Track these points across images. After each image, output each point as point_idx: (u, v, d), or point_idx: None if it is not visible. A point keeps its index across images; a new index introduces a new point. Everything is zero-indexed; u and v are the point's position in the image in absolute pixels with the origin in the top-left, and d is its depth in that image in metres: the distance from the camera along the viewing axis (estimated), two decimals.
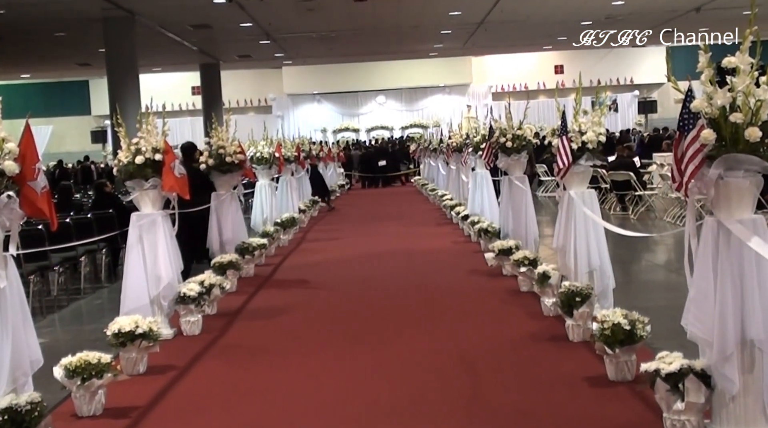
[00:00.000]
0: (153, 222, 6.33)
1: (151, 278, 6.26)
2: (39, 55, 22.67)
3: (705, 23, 21.30)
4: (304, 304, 7.67)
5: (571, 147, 5.87)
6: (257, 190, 11.96)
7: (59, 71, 28.40)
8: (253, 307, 7.66)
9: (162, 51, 22.77)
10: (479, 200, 11.26)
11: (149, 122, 6.40)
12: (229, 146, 8.81)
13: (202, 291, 6.64)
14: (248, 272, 9.26)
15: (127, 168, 6.30)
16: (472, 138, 11.37)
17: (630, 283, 8.05)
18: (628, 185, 13.67)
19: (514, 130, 8.43)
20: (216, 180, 8.96)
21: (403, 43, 25.23)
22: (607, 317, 4.69)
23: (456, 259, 9.94)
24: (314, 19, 19.09)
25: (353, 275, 9.16)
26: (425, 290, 8.09)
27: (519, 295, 7.38)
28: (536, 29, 23.11)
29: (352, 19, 19.82)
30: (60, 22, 17.53)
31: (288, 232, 12.41)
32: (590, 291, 5.58)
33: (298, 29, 20.83)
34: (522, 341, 5.81)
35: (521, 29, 22.99)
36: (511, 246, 7.99)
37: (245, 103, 35.60)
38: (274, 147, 12.30)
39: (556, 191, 6.44)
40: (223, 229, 8.91)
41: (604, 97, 6.04)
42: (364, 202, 21.14)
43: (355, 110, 36.50)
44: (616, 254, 7.77)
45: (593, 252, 5.90)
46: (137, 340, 5.32)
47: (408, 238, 12.28)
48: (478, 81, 35.19)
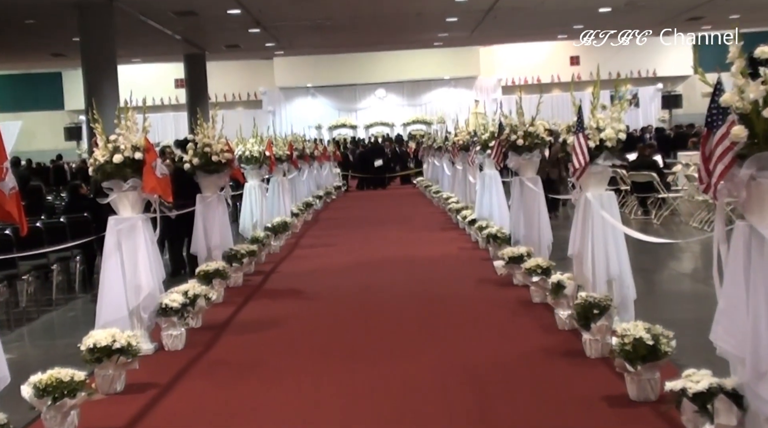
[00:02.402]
0: (132, 227, 6.33)
1: (130, 287, 6.25)
2: (7, 45, 22.67)
3: (736, 10, 21.32)
4: (297, 316, 7.66)
5: (588, 145, 5.87)
6: (246, 192, 11.96)
7: (29, 62, 28.41)
8: (241, 319, 7.65)
9: (143, 40, 22.78)
10: (487, 203, 11.26)
11: (128, 117, 6.40)
12: (215, 144, 8.81)
13: (186, 302, 6.63)
14: (236, 282, 9.25)
15: (104, 168, 6.29)
16: (480, 135, 11.38)
17: (653, 294, 8.04)
18: (651, 187, 13.67)
19: (526, 126, 8.44)
20: (201, 181, 8.96)
21: (405, 31, 25.25)
22: (627, 331, 4.68)
23: (462, 267, 9.94)
24: (308, 5, 19.12)
25: (351, 285, 9.15)
26: (429, 301, 8.09)
27: (531, 307, 7.38)
28: (550, 17, 23.13)
29: (350, 6, 19.85)
30: (30, 9, 17.53)
31: (280, 238, 12.41)
32: (609, 303, 5.57)
33: (290, 17, 20.86)
34: (534, 357, 5.80)
35: (534, 17, 23.00)
36: (522, 253, 7.99)
37: (233, 98, 35.63)
38: (265, 145, 12.31)
39: (572, 193, 6.44)
40: (210, 234, 8.91)
41: (624, 90, 6.04)
42: (363, 205, 21.15)
43: (353, 104, 36.53)
44: (638, 262, 7.76)
45: (612, 260, 5.89)
46: (114, 356, 5.30)
47: (410, 244, 12.29)
48: (487, 73, 35.24)
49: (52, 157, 27.45)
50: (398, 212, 17.94)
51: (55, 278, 9.01)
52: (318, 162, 21.66)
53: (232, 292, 8.81)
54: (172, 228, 9.19)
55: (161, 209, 6.76)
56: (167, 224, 6.82)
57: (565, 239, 6.83)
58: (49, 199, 14.20)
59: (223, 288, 8.48)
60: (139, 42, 22.97)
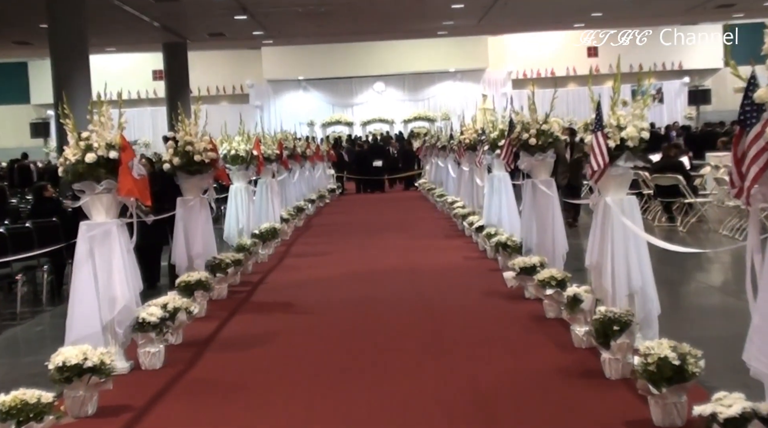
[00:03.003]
0: (106, 233, 6.33)
1: (103, 300, 6.25)
2: None
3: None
4: (287, 332, 7.66)
5: (608, 145, 5.88)
6: (231, 195, 11.97)
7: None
8: (226, 336, 7.65)
9: (117, 27, 22.81)
10: (496, 208, 11.28)
11: (102, 112, 6.41)
12: (198, 142, 8.82)
13: (165, 316, 6.63)
14: (220, 294, 9.26)
15: (75, 168, 6.30)
16: (489, 134, 11.40)
17: (679, 308, 8.05)
18: (676, 191, 13.70)
19: (539, 124, 8.46)
20: (182, 183, 8.97)
21: (407, 19, 25.30)
22: (651, 350, 4.69)
23: (469, 279, 9.95)
24: None
25: (346, 298, 9.16)
26: (432, 315, 8.10)
27: (544, 322, 7.39)
28: (566, 4, 23.20)
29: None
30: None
31: (268, 245, 12.42)
32: (631, 318, 5.58)
33: (281, 2, 20.90)
34: (548, 377, 5.80)
35: (548, 4, 23.07)
36: (534, 264, 8.00)
37: (217, 91, 35.67)
38: (252, 144, 12.32)
39: (590, 198, 6.45)
40: (191, 241, 8.91)
41: (647, 85, 6.06)
42: (360, 209, 21.16)
43: (349, 99, 36.58)
44: (662, 274, 7.76)
45: (634, 271, 5.90)
46: (85, 375, 5.30)
47: (411, 253, 12.30)
48: (496, 65, 35.32)
49: (17, 155, 27.45)
50: (398, 218, 17.96)
51: (19, 290, 9.02)
52: (310, 162, 21.67)
53: (215, 305, 8.81)
54: (149, 235, 9.17)
55: (137, 214, 6.76)
56: (143, 231, 6.82)
57: (581, 247, 6.85)
58: (14, 202, 14.21)
59: (205, 301, 8.48)
60: (114, 29, 22.99)
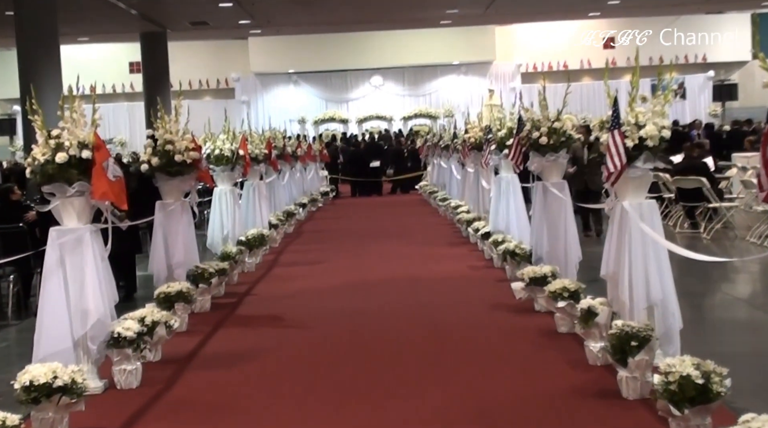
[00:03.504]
0: (79, 240, 6.32)
1: (75, 313, 6.24)
2: None
3: None
4: (276, 348, 7.65)
5: (625, 144, 5.88)
6: (215, 198, 11.96)
7: None
8: (209, 352, 7.64)
9: (91, 15, 22.81)
10: (504, 212, 11.28)
11: (74, 107, 6.41)
12: (179, 141, 8.82)
13: (143, 331, 6.61)
14: (203, 306, 9.25)
15: (44, 169, 6.29)
16: (496, 132, 11.40)
17: (702, 322, 8.05)
18: (700, 195, 13.70)
19: (551, 122, 8.46)
20: (162, 185, 8.96)
21: (407, 7, 25.33)
22: (672, 368, 4.68)
23: (474, 290, 9.95)
24: None
25: (341, 311, 9.15)
26: (434, 330, 8.09)
27: (556, 338, 7.39)
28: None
29: None
30: None
31: (255, 253, 12.40)
32: (650, 333, 5.58)
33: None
34: (560, 397, 5.80)
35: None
36: (545, 274, 8.00)
37: (200, 85, 35.67)
38: (238, 142, 12.32)
39: (606, 202, 6.45)
40: (171, 249, 8.90)
41: (668, 79, 6.07)
42: (355, 214, 21.16)
43: (344, 94, 36.60)
44: (684, 285, 7.76)
45: (654, 282, 5.90)
46: (55, 395, 5.29)
47: (411, 262, 12.30)
48: (504, 58, 35.34)
49: None
50: (397, 224, 17.95)
51: None
52: (302, 163, 21.67)
53: (197, 319, 8.79)
54: (123, 241, 9.12)
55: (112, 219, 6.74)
56: (116, 237, 6.79)
57: (597, 256, 6.84)
58: None
59: (187, 314, 8.47)
60: (87, 17, 22.98)
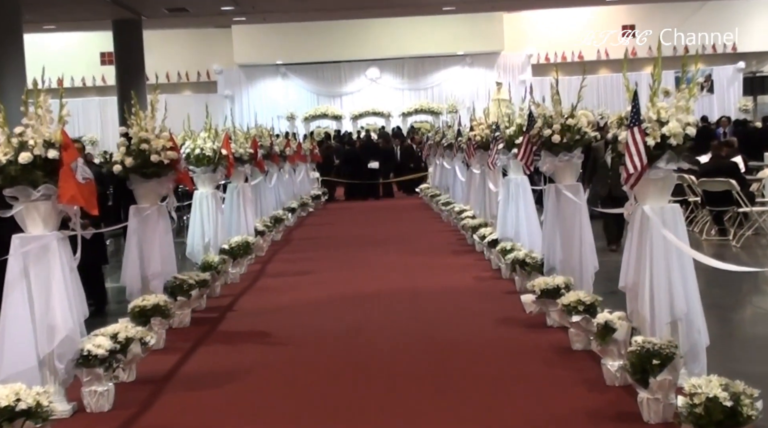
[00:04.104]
0: (45, 248, 6.31)
1: (41, 329, 6.23)
2: None
3: None
4: (262, 368, 7.65)
5: (646, 143, 5.89)
6: (196, 202, 11.96)
7: None
8: (188, 371, 7.63)
9: (57, 1, 22.82)
10: (513, 218, 11.28)
11: (40, 103, 6.41)
12: (155, 140, 8.82)
13: (115, 348, 6.60)
14: (182, 321, 9.24)
15: (7, 170, 6.29)
16: (504, 129, 11.42)
17: (731, 339, 8.05)
18: (729, 198, 13.71)
19: (564, 118, 8.47)
20: (136, 188, 8.96)
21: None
22: (698, 389, 4.69)
23: (480, 303, 9.96)
24: None
25: (334, 327, 9.14)
26: (437, 348, 8.09)
27: (571, 355, 7.40)
28: None
29: None
30: None
31: (240, 263, 12.40)
32: (673, 351, 5.58)
33: None
34: (575, 420, 5.80)
35: None
36: (558, 285, 8.01)
37: (179, 78, 35.71)
38: (221, 141, 12.33)
39: (625, 206, 6.46)
40: (147, 258, 8.89)
41: (694, 70, 6.08)
42: (350, 220, 21.15)
43: (337, 88, 36.65)
44: (711, 297, 7.77)
45: (677, 294, 5.90)
46: (18, 419, 5.28)
47: (412, 272, 12.31)
48: (513, 48, 35.40)
49: None
50: (396, 230, 17.95)
51: None
52: (291, 163, 21.68)
53: (176, 335, 8.79)
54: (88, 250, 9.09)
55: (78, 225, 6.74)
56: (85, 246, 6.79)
57: (615, 266, 6.85)
58: None
59: (164, 330, 8.46)
60: (53, 2, 22.99)
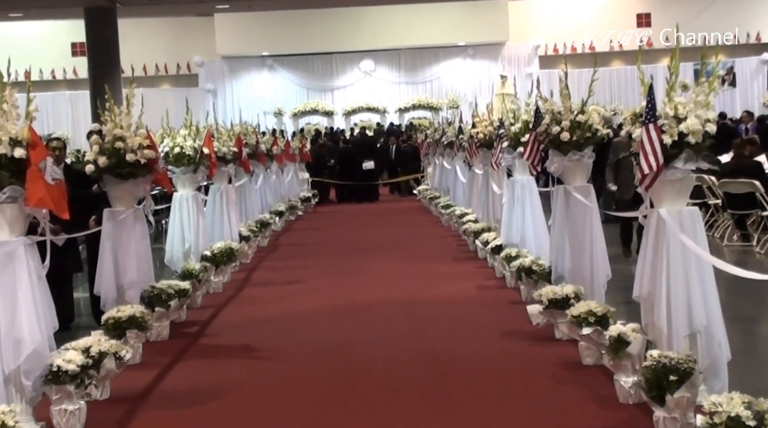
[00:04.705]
0: (10, 255, 6.30)
1: (6, 342, 6.22)
2: None
3: None
4: (246, 384, 7.64)
5: (663, 141, 5.90)
6: (175, 205, 11.95)
7: None
8: (166, 389, 7.62)
9: None
10: (518, 222, 11.29)
11: (5, 97, 6.40)
12: (131, 137, 8.82)
13: (88, 364, 6.60)
14: (160, 334, 9.23)
15: None
16: (509, 126, 11.42)
17: (754, 353, 8.05)
18: (752, 201, 13.71)
19: (574, 114, 8.48)
20: (111, 190, 8.96)
21: None
22: (719, 407, 4.69)
23: (483, 314, 9.97)
24: None
25: (325, 340, 9.14)
26: (437, 363, 8.09)
27: (581, 371, 7.40)
28: None
29: None
30: None
31: (223, 271, 12.38)
32: (692, 366, 5.59)
33: None
34: None
35: None
36: (567, 295, 8.01)
37: (157, 70, 35.70)
38: (202, 139, 12.32)
39: (639, 209, 6.46)
40: (122, 266, 8.89)
41: (714, 62, 6.09)
42: (343, 224, 21.14)
43: (328, 81, 36.67)
44: (733, 308, 7.78)
45: (696, 305, 5.91)
46: None
47: (409, 281, 12.31)
48: (519, 38, 35.44)
49: None
50: (393, 236, 17.96)
51: None
52: (278, 163, 21.68)
53: (153, 349, 8.78)
54: (59, 257, 9.09)
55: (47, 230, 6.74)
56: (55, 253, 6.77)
57: (629, 273, 6.86)
58: None
59: (140, 344, 8.45)
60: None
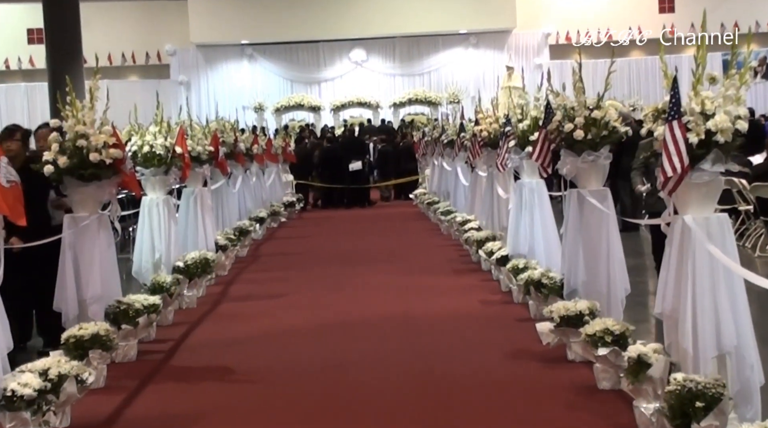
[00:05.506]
0: None
1: None
2: None
3: None
4: (224, 410, 7.64)
5: (688, 140, 5.90)
6: (144, 211, 11.93)
7: None
8: (133, 415, 7.61)
9: None
10: (526, 230, 11.30)
11: None
12: (95, 135, 8.81)
13: (45, 388, 6.59)
14: (127, 354, 9.22)
15: None
16: (516, 123, 11.44)
17: None
18: None
19: (589, 110, 8.48)
20: (72, 194, 8.94)
21: None
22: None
23: (487, 332, 9.98)
24: None
25: (312, 361, 9.14)
26: (436, 386, 8.10)
27: (596, 396, 7.41)
28: None
29: None
30: None
31: (197, 284, 12.36)
32: (720, 391, 5.60)
33: None
34: None
35: None
36: (581, 311, 8.02)
37: (123, 60, 35.72)
38: (174, 136, 12.31)
39: (662, 216, 6.47)
40: (84, 278, 8.88)
41: (746, 53, 6.09)
42: (331, 232, 21.15)
43: (315, 73, 36.69)
44: (766, 326, 7.78)
45: (725, 323, 5.91)
46: None
47: (405, 295, 12.31)
48: (527, 25, 35.53)
49: None
50: (386, 245, 17.98)
51: None
52: (259, 164, 21.68)
53: (119, 371, 8.77)
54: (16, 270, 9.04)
55: None
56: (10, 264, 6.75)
57: (649, 288, 6.86)
58: None
59: (105, 365, 8.44)
60: None
